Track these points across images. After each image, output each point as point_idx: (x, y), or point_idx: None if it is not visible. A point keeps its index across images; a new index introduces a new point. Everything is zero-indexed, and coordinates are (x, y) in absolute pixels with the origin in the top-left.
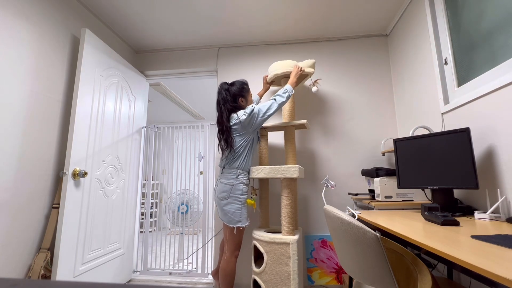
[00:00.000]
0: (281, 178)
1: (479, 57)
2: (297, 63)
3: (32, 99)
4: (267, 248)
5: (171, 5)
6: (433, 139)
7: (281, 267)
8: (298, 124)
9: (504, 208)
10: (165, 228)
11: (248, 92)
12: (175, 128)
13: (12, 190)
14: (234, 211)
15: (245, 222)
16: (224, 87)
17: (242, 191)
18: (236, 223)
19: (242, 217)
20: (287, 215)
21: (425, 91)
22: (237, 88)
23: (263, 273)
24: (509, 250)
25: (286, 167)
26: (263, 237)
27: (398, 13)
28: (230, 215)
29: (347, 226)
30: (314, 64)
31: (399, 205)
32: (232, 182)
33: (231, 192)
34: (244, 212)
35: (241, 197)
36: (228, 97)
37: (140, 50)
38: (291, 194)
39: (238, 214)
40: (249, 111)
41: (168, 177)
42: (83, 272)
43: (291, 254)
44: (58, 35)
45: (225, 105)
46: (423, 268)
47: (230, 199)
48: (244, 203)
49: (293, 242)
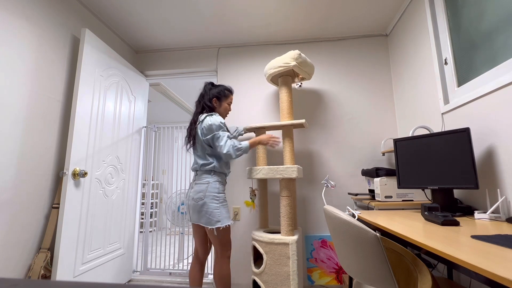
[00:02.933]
0: (279, 178)
1: (479, 57)
2: (291, 62)
3: (32, 99)
4: (266, 249)
5: (171, 5)
6: (433, 139)
7: (281, 267)
8: (296, 123)
9: (504, 208)
10: (165, 228)
11: (225, 97)
12: (175, 128)
13: (12, 190)
14: (212, 210)
15: (225, 221)
16: (208, 86)
17: (219, 190)
18: (215, 223)
19: (221, 217)
20: (286, 215)
21: (425, 91)
22: (216, 90)
23: (262, 274)
24: (509, 250)
25: (285, 167)
26: (262, 238)
27: (398, 13)
28: (208, 216)
29: (347, 226)
30: (300, 56)
31: (399, 205)
32: (208, 181)
33: (207, 191)
34: (223, 211)
35: (218, 195)
36: (205, 95)
37: (140, 50)
38: (290, 195)
39: (216, 214)
40: (210, 129)
41: (168, 177)
42: (83, 272)
43: (290, 255)
44: (58, 35)
45: (200, 101)
46: (423, 268)
47: (207, 198)
48: (223, 202)
49: (292, 242)
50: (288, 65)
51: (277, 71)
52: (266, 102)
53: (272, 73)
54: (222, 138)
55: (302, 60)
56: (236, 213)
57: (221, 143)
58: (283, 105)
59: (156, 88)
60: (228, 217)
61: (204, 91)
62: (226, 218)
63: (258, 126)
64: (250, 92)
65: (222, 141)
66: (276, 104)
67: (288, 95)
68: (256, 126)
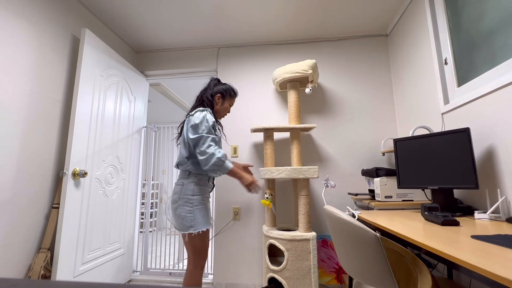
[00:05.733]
0: (301, 178)
1: (479, 57)
2: (308, 70)
3: (32, 99)
4: (288, 246)
5: (171, 5)
6: (433, 139)
7: (302, 262)
8: (307, 127)
9: (504, 208)
10: (165, 228)
11: (230, 97)
12: (175, 128)
13: (12, 190)
14: (185, 214)
15: (199, 227)
16: (213, 82)
17: (194, 192)
18: (187, 228)
19: (194, 222)
20: (305, 213)
21: (425, 91)
22: (223, 87)
23: (284, 271)
24: (509, 250)
25: (307, 168)
26: (283, 236)
27: (398, 13)
28: (181, 220)
29: (347, 226)
30: (315, 65)
31: (399, 205)
32: (182, 182)
33: (181, 193)
34: (197, 215)
35: (192, 198)
36: (208, 89)
37: (140, 50)
38: (308, 193)
39: (189, 218)
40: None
41: (168, 177)
42: (83, 272)
43: (311, 249)
44: (58, 35)
45: (202, 94)
46: (423, 268)
47: (180, 201)
48: (198, 206)
49: (313, 238)
50: (306, 72)
51: (293, 76)
52: (265, 102)
53: (288, 78)
54: (205, 141)
55: (315, 69)
56: (236, 213)
57: (203, 147)
58: (292, 109)
59: (156, 88)
60: (204, 222)
61: (208, 85)
62: (200, 223)
63: (267, 127)
64: (250, 92)
65: (204, 145)
66: (276, 104)
67: (297, 99)
68: (264, 127)
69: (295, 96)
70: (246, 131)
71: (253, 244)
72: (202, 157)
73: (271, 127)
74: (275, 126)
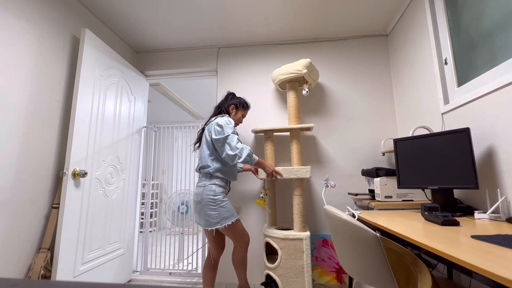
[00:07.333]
0: (294, 178)
1: (479, 57)
2: (303, 69)
3: (32, 99)
4: (281, 244)
5: (171, 5)
6: (433, 139)
7: (295, 261)
8: (305, 127)
9: (504, 208)
10: (165, 228)
11: (243, 108)
12: (175, 128)
13: (12, 190)
14: (210, 213)
15: (225, 221)
16: (229, 95)
17: (215, 192)
18: (214, 224)
19: (219, 217)
20: (299, 213)
21: (425, 91)
22: (237, 100)
23: (277, 268)
24: (509, 250)
25: (299, 168)
26: (277, 234)
27: (398, 13)
28: (207, 218)
29: (347, 226)
30: (310, 64)
31: (399, 205)
32: (204, 184)
33: (203, 194)
34: (222, 212)
35: (214, 198)
36: (225, 102)
37: (140, 50)
38: (302, 193)
39: (214, 216)
40: (222, 128)
41: (168, 177)
42: (83, 272)
43: (304, 249)
44: (58, 35)
45: (220, 105)
46: (423, 268)
47: (204, 202)
48: (221, 203)
49: (306, 237)
50: (300, 72)
51: (288, 77)
52: (265, 102)
53: (283, 79)
54: (233, 138)
55: (311, 68)
56: None
57: (233, 143)
58: (291, 109)
59: (156, 88)
60: (230, 216)
61: (225, 98)
62: (225, 218)
63: (267, 128)
64: (250, 92)
65: (233, 142)
66: (276, 104)
67: (296, 100)
68: (264, 129)
69: (294, 96)
70: (246, 131)
71: (254, 243)
72: (234, 152)
73: (270, 128)
74: (275, 127)
